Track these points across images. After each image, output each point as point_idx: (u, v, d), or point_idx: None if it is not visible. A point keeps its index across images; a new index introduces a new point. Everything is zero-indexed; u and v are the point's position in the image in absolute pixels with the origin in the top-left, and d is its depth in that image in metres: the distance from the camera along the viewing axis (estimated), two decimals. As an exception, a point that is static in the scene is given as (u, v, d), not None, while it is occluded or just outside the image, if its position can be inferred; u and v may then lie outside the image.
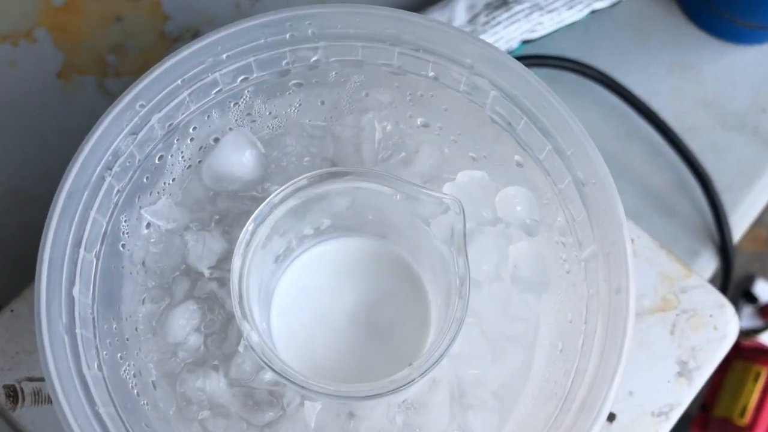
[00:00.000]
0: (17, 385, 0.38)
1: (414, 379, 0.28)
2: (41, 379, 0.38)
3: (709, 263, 0.55)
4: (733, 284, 0.60)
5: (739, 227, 0.56)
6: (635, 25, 0.60)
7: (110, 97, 0.57)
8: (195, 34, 0.59)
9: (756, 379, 0.89)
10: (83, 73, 0.58)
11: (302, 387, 0.28)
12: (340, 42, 0.32)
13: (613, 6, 0.58)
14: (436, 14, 0.56)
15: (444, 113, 0.34)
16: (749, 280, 1.00)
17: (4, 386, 0.38)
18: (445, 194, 0.30)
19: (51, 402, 0.37)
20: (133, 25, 0.59)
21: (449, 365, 0.34)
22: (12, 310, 0.39)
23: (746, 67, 0.59)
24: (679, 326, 0.40)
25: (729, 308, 0.40)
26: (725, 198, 0.55)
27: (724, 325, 0.40)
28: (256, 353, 0.28)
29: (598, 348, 0.29)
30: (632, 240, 0.41)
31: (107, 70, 0.58)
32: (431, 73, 0.33)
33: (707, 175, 0.55)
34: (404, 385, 0.28)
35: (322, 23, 0.31)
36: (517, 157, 0.33)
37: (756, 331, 0.91)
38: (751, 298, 0.98)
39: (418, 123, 0.35)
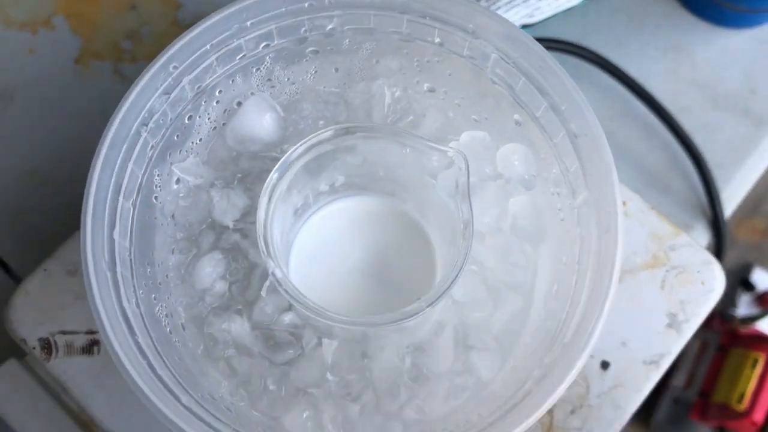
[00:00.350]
0: (51, 338, 0.42)
1: (422, 311, 0.32)
2: (73, 332, 0.42)
3: (701, 237, 0.58)
4: (729, 270, 0.64)
5: (730, 203, 0.59)
6: (630, 10, 0.64)
7: (126, 81, 0.60)
8: (207, 21, 0.62)
9: (753, 366, 0.93)
10: (100, 59, 0.61)
11: (321, 315, 0.32)
12: (354, 10, 0.36)
13: (609, -9, 0.62)
14: None
15: (449, 78, 0.38)
16: (747, 268, 1.04)
17: (39, 339, 0.42)
18: (450, 147, 0.34)
19: (82, 353, 0.41)
20: (147, 13, 0.62)
21: (454, 310, 0.38)
22: (45, 269, 0.43)
23: (736, 49, 0.62)
24: (669, 281, 0.43)
25: (715, 265, 0.44)
26: (717, 175, 0.58)
27: (710, 281, 0.44)
28: (280, 286, 0.32)
29: (590, 282, 0.33)
30: (625, 202, 0.45)
31: (123, 55, 0.61)
32: (437, 39, 0.37)
33: (700, 153, 0.59)
34: (413, 315, 0.32)
35: (338, -8, 0.35)
36: (516, 116, 0.37)
37: (753, 319, 0.94)
38: (748, 287, 1.02)
39: (425, 88, 0.39)
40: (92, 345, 0.42)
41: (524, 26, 0.60)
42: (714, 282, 0.44)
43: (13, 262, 0.56)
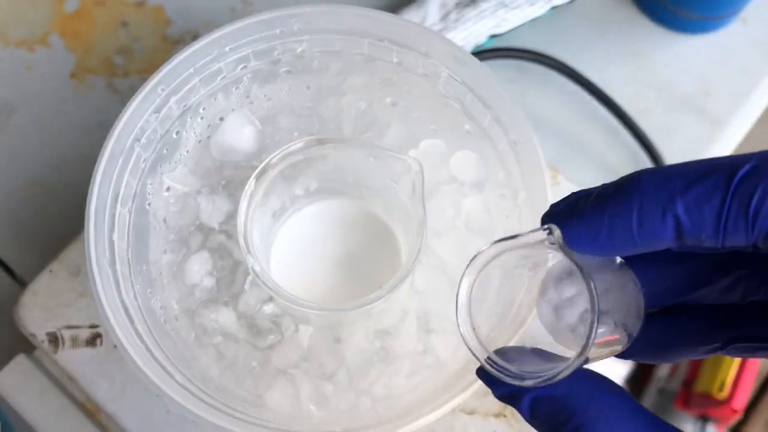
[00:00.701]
0: (58, 332, 0.48)
1: (383, 297, 0.38)
2: (78, 327, 0.48)
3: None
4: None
5: (688, 198, 0.65)
6: (593, 18, 0.69)
7: (119, 95, 0.66)
8: (194, 36, 0.68)
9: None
10: (94, 74, 0.67)
11: (295, 303, 0.38)
12: (321, 36, 0.42)
13: (572, 2, 0.67)
14: (412, 13, 0.66)
15: (408, 93, 0.44)
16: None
17: (47, 333, 0.48)
18: (407, 156, 0.40)
19: (86, 345, 0.47)
20: (138, 30, 0.68)
21: (417, 299, 0.44)
22: (50, 271, 0.49)
23: (692, 54, 0.68)
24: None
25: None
26: (675, 172, 0.64)
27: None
28: (258, 279, 0.38)
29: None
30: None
31: (115, 70, 0.67)
32: (395, 59, 0.43)
33: (658, 153, 0.64)
34: (375, 302, 0.38)
35: (305, 20, 0.42)
36: (466, 126, 0.43)
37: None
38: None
39: (388, 102, 0.45)
40: (95, 338, 0.48)
41: (492, 36, 0.66)
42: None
43: (16, 266, 0.61)
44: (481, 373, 0.28)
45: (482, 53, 0.66)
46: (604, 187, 0.26)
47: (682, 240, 0.24)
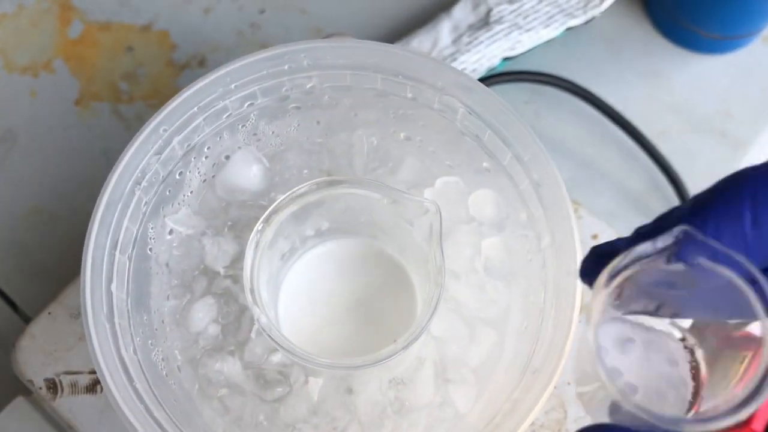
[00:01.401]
0: (56, 378, 0.45)
1: (397, 353, 0.35)
2: (77, 373, 0.45)
3: (682, 258, 0.61)
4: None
5: (709, 224, 0.62)
6: (608, 39, 0.66)
7: (124, 121, 0.63)
8: (201, 61, 0.65)
9: (742, 362, 0.95)
10: (98, 100, 0.64)
11: (303, 359, 0.35)
12: (331, 71, 0.39)
13: (587, 23, 0.64)
14: (423, 36, 0.63)
15: (423, 128, 0.41)
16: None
17: (45, 379, 0.45)
18: (424, 198, 0.37)
19: (86, 392, 0.44)
20: (144, 55, 0.65)
21: (433, 345, 0.40)
22: (49, 313, 0.46)
23: (711, 74, 0.65)
24: (640, 310, 0.46)
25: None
26: (696, 197, 0.61)
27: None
28: (264, 332, 0.35)
29: (553, 322, 0.35)
30: (596, 235, 0.47)
31: (120, 96, 0.64)
32: (409, 95, 0.40)
33: (678, 177, 0.61)
34: (388, 358, 0.35)
35: (315, 56, 0.38)
36: (484, 164, 0.40)
37: (745, 323, 0.96)
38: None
39: (402, 137, 0.42)
40: (95, 384, 0.45)
41: (506, 59, 0.63)
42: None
43: (18, 297, 0.58)
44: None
45: (495, 76, 0.64)
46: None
47: None
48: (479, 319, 0.40)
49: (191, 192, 0.40)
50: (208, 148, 0.40)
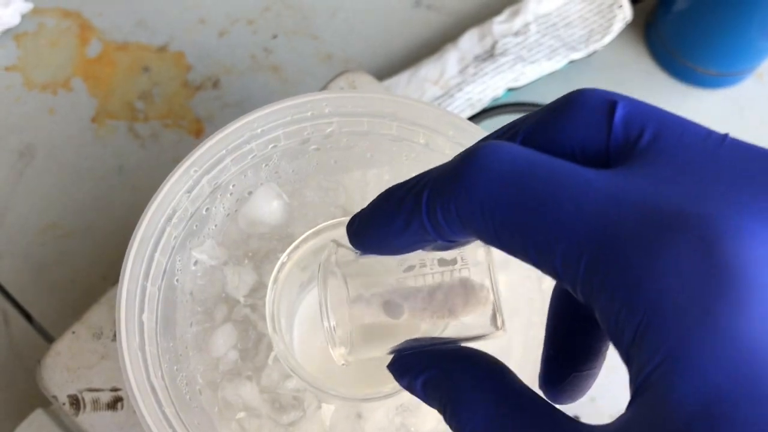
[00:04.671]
0: (79, 395, 0.48)
1: (400, 389, 0.38)
2: (99, 390, 0.48)
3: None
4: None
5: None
6: (610, 72, 0.70)
7: (139, 139, 0.66)
8: (215, 83, 0.68)
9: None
10: (115, 118, 0.67)
11: (316, 388, 0.38)
12: (350, 118, 0.42)
13: (589, 56, 0.68)
14: (431, 65, 0.66)
15: (434, 170, 0.45)
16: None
17: (69, 396, 0.48)
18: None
19: (107, 408, 0.47)
20: (159, 75, 0.69)
21: (439, 375, 0.44)
22: (73, 332, 0.49)
23: (707, 108, 0.69)
24: (633, 343, 0.50)
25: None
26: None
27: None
28: (282, 360, 0.38)
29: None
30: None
31: (136, 115, 0.67)
32: (422, 141, 0.43)
33: (673, 208, 0.65)
34: (394, 393, 0.38)
35: (336, 104, 0.42)
36: (492, 207, 0.43)
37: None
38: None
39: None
40: (116, 401, 0.48)
41: (510, 89, 0.67)
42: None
43: (37, 313, 0.61)
44: (393, 364, 0.29)
45: (500, 107, 0.67)
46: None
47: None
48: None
49: (215, 225, 0.43)
50: (233, 186, 0.43)
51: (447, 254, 0.30)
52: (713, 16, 0.62)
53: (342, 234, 0.39)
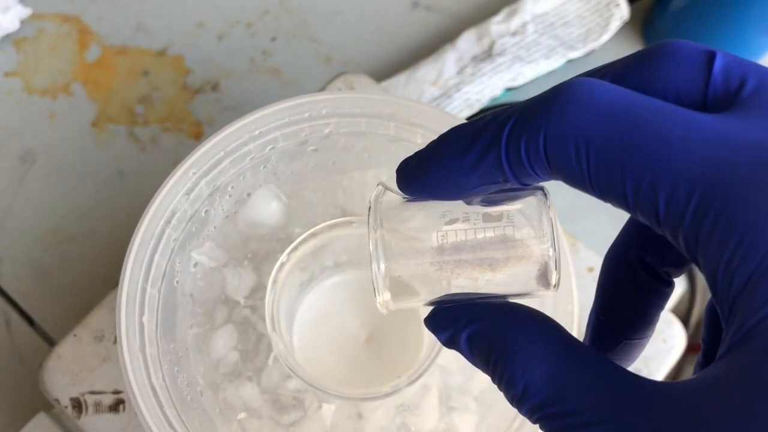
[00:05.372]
0: (81, 398, 0.48)
1: (400, 388, 0.39)
2: (101, 392, 0.49)
3: (678, 283, 0.65)
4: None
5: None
6: (608, 71, 0.70)
7: (139, 143, 0.66)
8: (214, 86, 0.68)
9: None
10: (115, 123, 0.67)
11: (316, 388, 0.39)
12: (348, 118, 0.42)
13: (587, 55, 0.68)
14: (429, 66, 0.66)
15: (432, 170, 0.45)
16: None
17: (71, 399, 0.48)
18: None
19: (109, 411, 0.48)
20: (159, 79, 0.69)
21: (439, 374, 0.44)
22: (75, 335, 0.49)
23: (707, 108, 0.69)
24: (633, 341, 0.50)
25: (676, 324, 0.50)
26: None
27: (671, 339, 0.50)
28: (282, 361, 0.39)
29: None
30: (592, 268, 0.51)
31: (136, 119, 0.67)
32: (419, 140, 0.43)
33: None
34: (393, 393, 0.39)
35: (333, 105, 0.42)
36: (490, 207, 0.43)
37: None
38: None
39: (411, 176, 0.45)
40: (118, 404, 0.48)
41: (508, 89, 0.67)
42: (674, 340, 0.50)
43: (38, 317, 0.62)
44: (432, 318, 0.28)
45: (498, 107, 0.67)
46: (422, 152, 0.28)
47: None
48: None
49: (215, 227, 0.44)
50: (232, 188, 0.43)
51: (493, 210, 0.30)
52: (710, 13, 0.62)
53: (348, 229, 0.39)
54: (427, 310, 0.29)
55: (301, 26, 0.71)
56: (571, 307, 0.39)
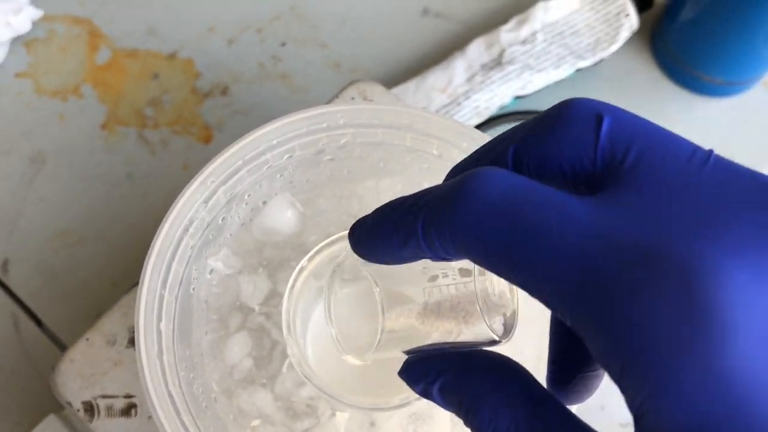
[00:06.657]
0: (93, 402, 0.49)
1: (411, 401, 0.39)
2: (113, 396, 0.49)
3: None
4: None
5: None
6: (616, 80, 0.70)
7: (149, 146, 0.67)
8: (224, 90, 0.69)
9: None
10: (124, 125, 0.67)
11: (330, 396, 0.39)
12: (365, 129, 0.43)
13: (596, 64, 0.68)
14: (439, 73, 0.67)
15: (446, 180, 0.45)
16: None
17: (83, 402, 0.49)
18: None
19: (121, 415, 0.48)
20: (169, 82, 0.69)
21: (451, 383, 0.44)
22: (87, 339, 0.50)
23: (715, 117, 0.69)
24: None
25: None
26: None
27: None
28: (297, 368, 0.39)
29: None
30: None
31: (146, 122, 0.68)
32: (435, 152, 0.44)
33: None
34: (405, 404, 0.39)
35: (351, 115, 0.42)
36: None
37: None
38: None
39: (426, 186, 0.46)
40: (130, 408, 0.48)
41: (517, 97, 0.67)
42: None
43: (47, 319, 0.62)
44: (405, 371, 0.30)
45: (507, 115, 0.68)
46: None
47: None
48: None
49: (230, 234, 0.44)
50: (249, 196, 0.44)
51: (466, 264, 0.31)
52: (720, 25, 0.63)
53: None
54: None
55: (310, 32, 0.71)
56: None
